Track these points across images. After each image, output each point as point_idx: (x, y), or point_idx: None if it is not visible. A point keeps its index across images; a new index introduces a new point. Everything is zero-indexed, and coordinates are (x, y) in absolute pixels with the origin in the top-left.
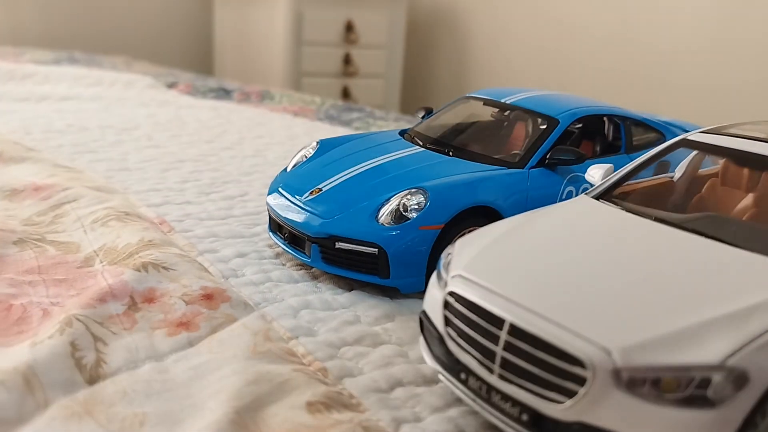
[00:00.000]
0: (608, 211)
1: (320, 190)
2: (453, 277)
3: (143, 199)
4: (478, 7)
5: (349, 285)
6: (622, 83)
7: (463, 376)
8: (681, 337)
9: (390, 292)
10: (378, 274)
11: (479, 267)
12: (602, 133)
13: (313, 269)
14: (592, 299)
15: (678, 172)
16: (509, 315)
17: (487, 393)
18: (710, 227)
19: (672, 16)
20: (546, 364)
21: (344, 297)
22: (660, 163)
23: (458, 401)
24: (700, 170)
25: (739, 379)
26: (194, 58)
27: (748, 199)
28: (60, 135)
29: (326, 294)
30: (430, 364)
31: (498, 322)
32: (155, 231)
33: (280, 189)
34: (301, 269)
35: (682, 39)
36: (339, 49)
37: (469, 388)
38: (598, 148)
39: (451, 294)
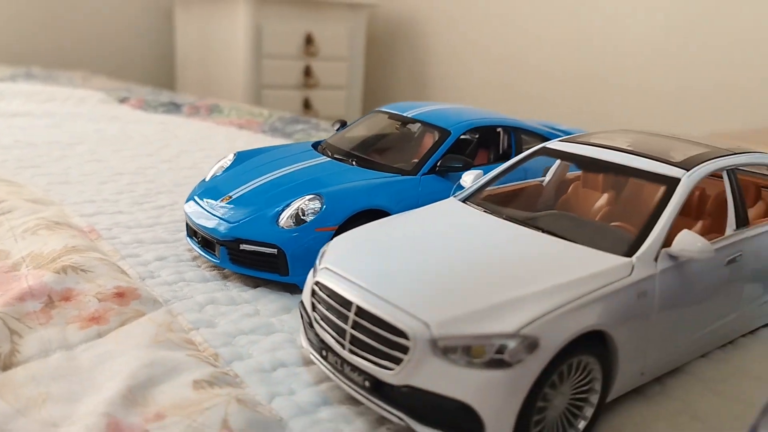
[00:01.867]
0: (467, 211)
1: (230, 197)
2: (321, 269)
3: (77, 209)
4: (437, 20)
5: (255, 283)
6: (577, 88)
7: (324, 353)
8: (488, 312)
9: (290, 288)
10: (278, 272)
11: (342, 260)
12: (496, 142)
13: (224, 270)
14: (424, 283)
15: (547, 177)
16: (356, 298)
17: (341, 366)
18: (548, 223)
19: (624, 25)
20: (381, 337)
21: (248, 293)
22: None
23: (328, 378)
24: (568, 174)
25: (531, 345)
26: (156, 72)
27: (603, 199)
28: (6, 150)
29: (233, 291)
30: (305, 346)
31: (348, 304)
32: (82, 238)
33: (195, 197)
34: (213, 270)
35: (634, 47)
36: (299, 62)
37: (329, 363)
38: (492, 156)
39: (317, 283)
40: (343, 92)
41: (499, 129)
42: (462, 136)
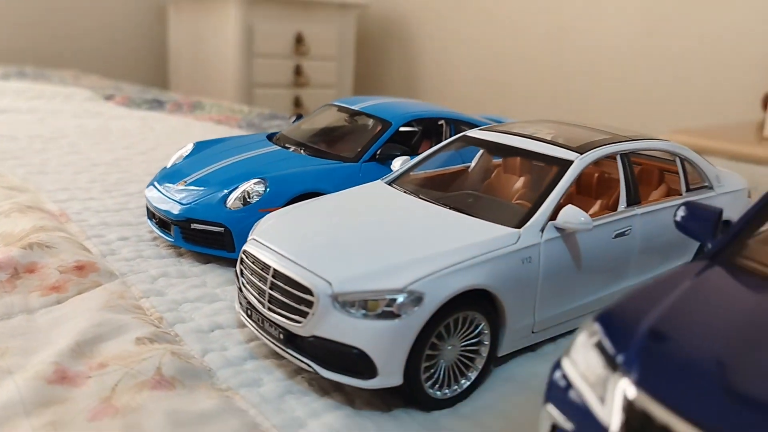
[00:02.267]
0: (389, 191)
1: (185, 182)
2: (249, 240)
3: (51, 196)
4: (425, 20)
5: (206, 259)
6: (559, 84)
7: (249, 313)
8: (382, 272)
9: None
10: (226, 248)
11: (267, 232)
12: (438, 133)
13: (180, 248)
14: (332, 249)
15: (473, 163)
16: (273, 263)
17: (262, 323)
18: (456, 201)
19: (606, 24)
20: (292, 295)
21: (198, 268)
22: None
23: (257, 337)
24: (494, 161)
25: (416, 299)
26: (150, 71)
27: (519, 182)
28: None
29: (184, 266)
30: (237, 309)
31: (267, 268)
32: (50, 220)
33: (155, 183)
34: (170, 248)
35: (616, 45)
36: (290, 61)
37: (254, 321)
38: (434, 146)
39: (244, 252)
40: (333, 90)
41: (441, 121)
42: (406, 128)
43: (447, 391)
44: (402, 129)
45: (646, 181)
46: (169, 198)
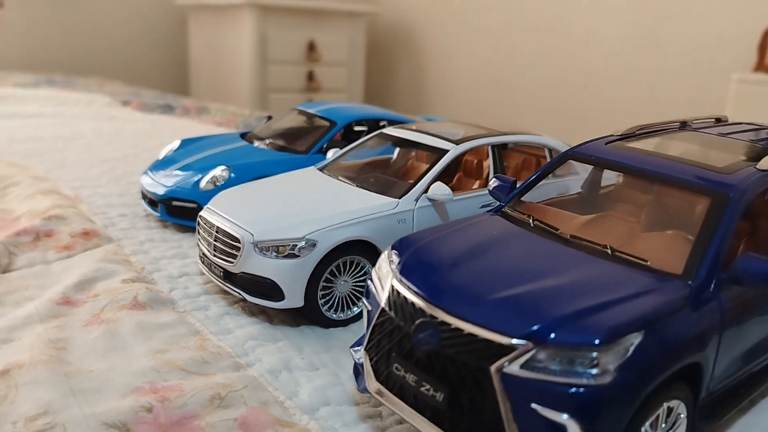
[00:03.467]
0: (317, 174)
1: (171, 170)
2: (205, 209)
3: (68, 184)
4: (433, 27)
5: (184, 229)
6: (562, 87)
7: (203, 260)
8: (289, 227)
9: None
10: None
11: (218, 202)
12: None
13: (166, 223)
14: (259, 212)
15: (394, 155)
16: (217, 222)
17: (210, 266)
18: (363, 181)
19: (606, 26)
20: (227, 243)
21: (178, 236)
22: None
23: (210, 279)
24: (413, 153)
25: (312, 245)
26: (171, 77)
27: (420, 168)
28: (18, 143)
29: (167, 234)
30: (198, 261)
31: (213, 226)
32: (66, 201)
33: (148, 171)
34: (158, 222)
35: (614, 48)
36: (302, 67)
37: (206, 266)
38: None
39: (200, 217)
40: (344, 95)
41: (383, 122)
42: (359, 128)
43: (342, 314)
44: (356, 128)
45: (527, 167)
46: (157, 182)
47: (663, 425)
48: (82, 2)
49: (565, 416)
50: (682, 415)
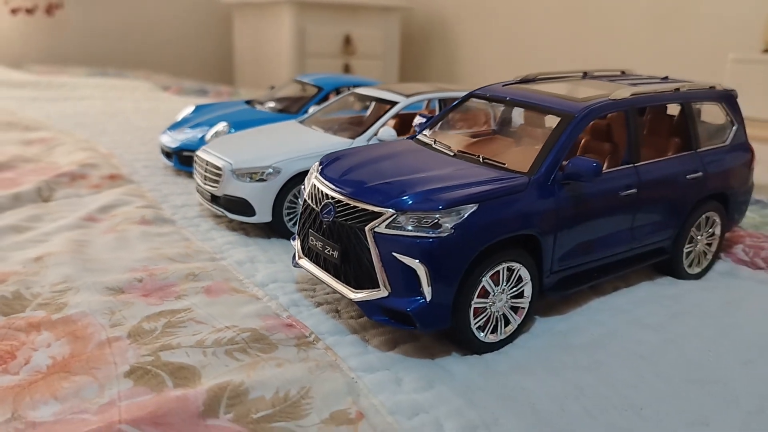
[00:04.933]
0: (297, 125)
1: (184, 129)
2: (200, 149)
3: (104, 144)
4: (465, 21)
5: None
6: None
7: (198, 189)
8: (261, 157)
9: None
10: None
11: (211, 144)
12: None
13: (180, 171)
14: (241, 148)
15: (367, 113)
16: (207, 157)
17: (202, 193)
18: (329, 127)
19: (613, 22)
20: (213, 172)
21: (187, 180)
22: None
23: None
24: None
25: (277, 171)
26: (218, 70)
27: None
28: (69, 118)
29: (178, 179)
30: (195, 192)
31: (203, 160)
32: (99, 155)
33: (166, 131)
34: (173, 171)
35: (626, 40)
36: (338, 60)
37: (199, 194)
38: None
39: (196, 155)
40: None
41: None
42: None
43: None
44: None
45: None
46: (173, 138)
47: (505, 283)
48: (135, 2)
49: (416, 261)
50: (525, 279)
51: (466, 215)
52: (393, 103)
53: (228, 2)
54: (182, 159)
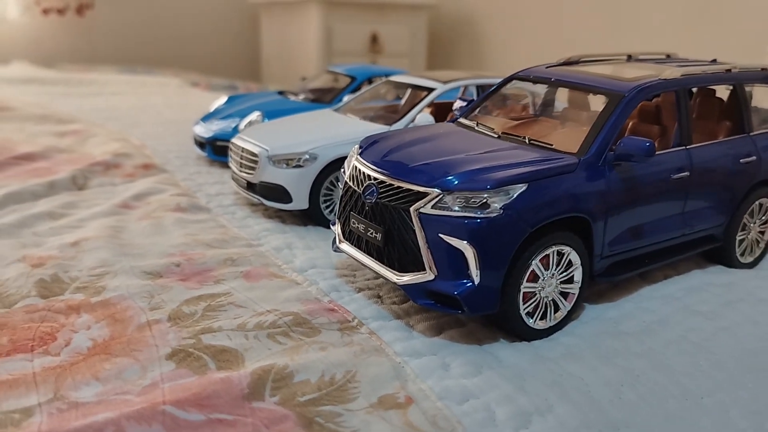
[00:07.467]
0: (332, 113)
1: (217, 119)
2: (236, 137)
3: (136, 136)
4: (492, 19)
5: (226, 165)
6: None
7: (234, 176)
8: (297, 144)
9: None
10: None
11: (246, 131)
12: None
13: (213, 161)
14: (274, 134)
15: (403, 99)
16: (243, 144)
17: (237, 179)
18: (366, 115)
19: (645, 19)
20: (250, 159)
21: (221, 170)
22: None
23: (240, 193)
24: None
25: (313, 158)
26: (246, 68)
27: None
28: (100, 112)
29: (212, 169)
30: (231, 180)
31: (239, 147)
32: (132, 146)
33: (199, 121)
34: (206, 160)
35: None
36: (365, 58)
37: (235, 181)
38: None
39: (231, 143)
40: None
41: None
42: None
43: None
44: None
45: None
46: (207, 128)
47: (555, 267)
48: (164, 2)
49: (464, 242)
50: (576, 264)
51: (515, 195)
52: (430, 90)
53: (255, 2)
54: (216, 149)
